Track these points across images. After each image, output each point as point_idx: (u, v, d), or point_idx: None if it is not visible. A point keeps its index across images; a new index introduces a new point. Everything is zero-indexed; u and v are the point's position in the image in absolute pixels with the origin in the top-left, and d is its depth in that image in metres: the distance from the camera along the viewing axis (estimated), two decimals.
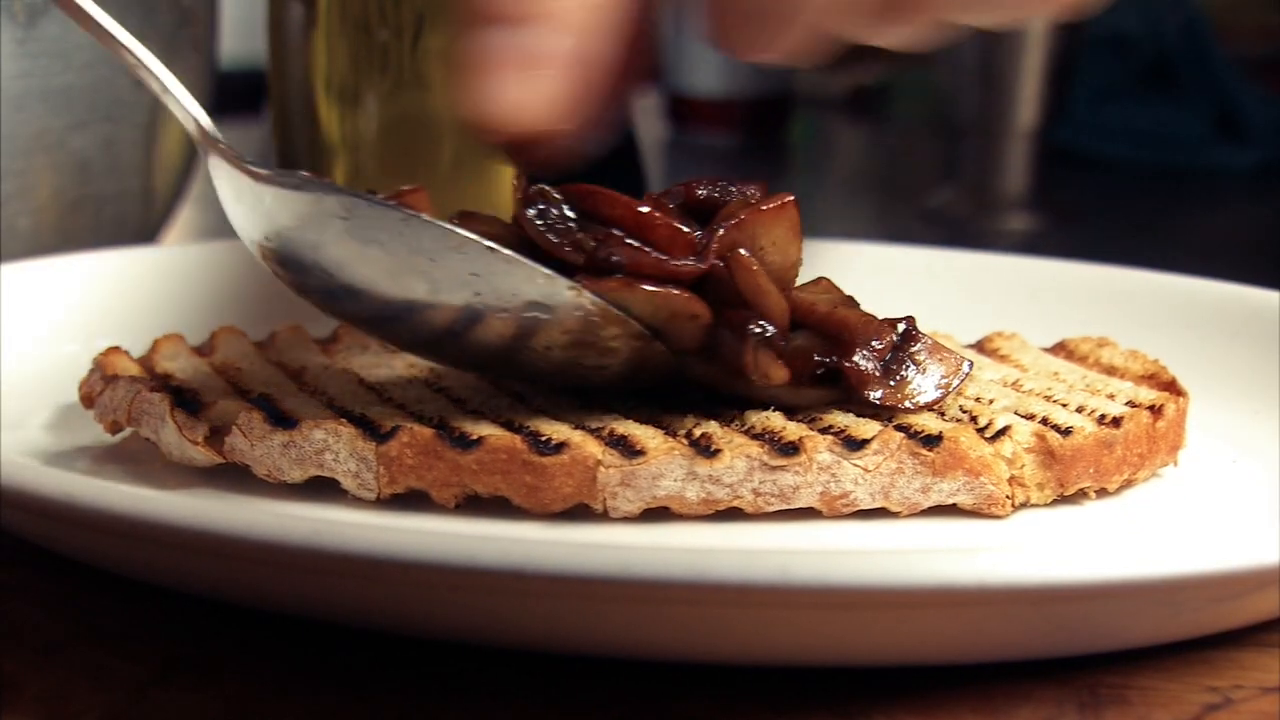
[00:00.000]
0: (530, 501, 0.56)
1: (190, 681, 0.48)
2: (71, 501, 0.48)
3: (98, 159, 0.82)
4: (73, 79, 0.80)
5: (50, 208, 0.81)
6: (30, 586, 0.54)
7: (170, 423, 0.58)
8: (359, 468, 0.57)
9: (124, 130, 0.83)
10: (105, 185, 0.83)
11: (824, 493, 0.56)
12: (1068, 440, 0.58)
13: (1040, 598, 0.46)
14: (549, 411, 0.60)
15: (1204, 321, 0.72)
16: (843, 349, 0.59)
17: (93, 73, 0.80)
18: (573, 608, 0.47)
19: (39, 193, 0.80)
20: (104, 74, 0.81)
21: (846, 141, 1.60)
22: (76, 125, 0.80)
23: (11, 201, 0.79)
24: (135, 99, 0.83)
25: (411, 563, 0.45)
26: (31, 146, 0.79)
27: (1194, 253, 1.10)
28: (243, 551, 0.47)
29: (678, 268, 0.57)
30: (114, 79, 0.81)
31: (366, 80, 0.84)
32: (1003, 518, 0.57)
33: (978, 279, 0.79)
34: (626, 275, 0.57)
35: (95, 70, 0.80)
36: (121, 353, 0.65)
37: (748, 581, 0.44)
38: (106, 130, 0.82)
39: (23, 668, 0.49)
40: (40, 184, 0.80)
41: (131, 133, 0.83)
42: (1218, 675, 0.49)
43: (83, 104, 0.81)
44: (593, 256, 0.57)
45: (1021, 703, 0.48)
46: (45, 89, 0.79)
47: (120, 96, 0.82)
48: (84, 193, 0.82)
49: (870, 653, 0.48)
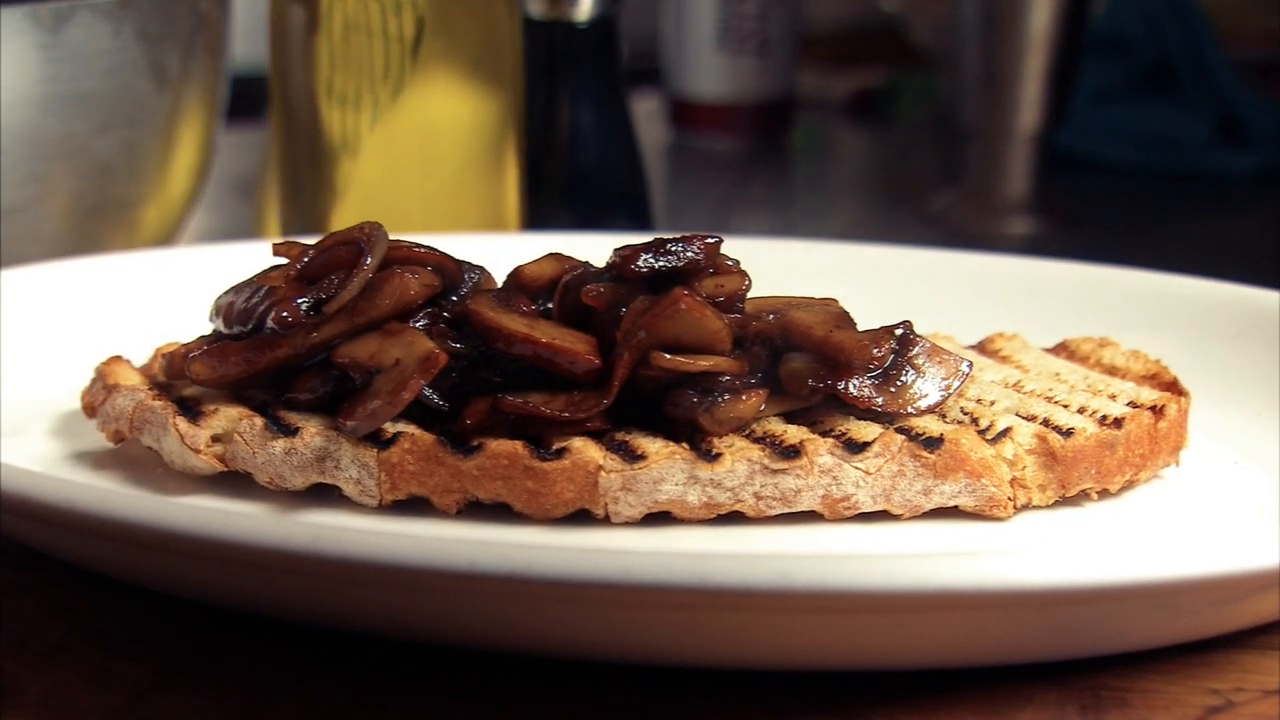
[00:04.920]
0: (531, 507, 0.56)
1: (190, 685, 0.48)
2: (73, 508, 0.48)
3: (119, 163, 0.82)
4: (95, 84, 0.80)
5: (73, 212, 0.82)
6: (32, 591, 0.54)
7: (172, 431, 0.58)
8: (361, 474, 0.57)
9: (143, 135, 0.83)
10: (125, 189, 0.83)
11: (825, 496, 0.56)
12: (1069, 442, 0.58)
13: (1042, 601, 0.46)
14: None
15: (1206, 322, 0.72)
16: (839, 372, 0.59)
17: (114, 78, 0.80)
18: (575, 612, 0.47)
19: (62, 197, 0.81)
20: (125, 79, 0.81)
21: (848, 145, 1.60)
22: (99, 130, 0.81)
23: (35, 206, 0.79)
24: (155, 103, 0.83)
25: (413, 568, 0.45)
26: (56, 151, 0.79)
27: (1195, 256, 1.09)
28: (244, 557, 0.47)
29: (585, 416, 0.57)
30: (135, 83, 0.82)
31: (367, 85, 0.84)
32: (1004, 520, 0.57)
33: (979, 280, 0.79)
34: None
35: (117, 75, 0.80)
36: (123, 361, 0.65)
37: (749, 586, 0.44)
38: (127, 135, 0.82)
39: (25, 670, 0.49)
40: (64, 188, 0.81)
41: (151, 137, 0.84)
42: (1219, 678, 0.49)
43: (105, 108, 0.81)
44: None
45: (1023, 705, 0.48)
46: (70, 94, 0.79)
47: (141, 101, 0.83)
48: (105, 197, 0.83)
49: (871, 657, 0.48)
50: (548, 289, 0.62)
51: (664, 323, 0.58)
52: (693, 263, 0.60)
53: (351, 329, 0.60)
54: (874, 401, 0.59)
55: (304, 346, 0.60)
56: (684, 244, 0.60)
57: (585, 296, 0.59)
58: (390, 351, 0.58)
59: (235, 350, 0.60)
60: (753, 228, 1.17)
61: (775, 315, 0.60)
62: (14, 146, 0.78)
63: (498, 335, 0.58)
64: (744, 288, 0.60)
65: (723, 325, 0.58)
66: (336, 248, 0.62)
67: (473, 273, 0.63)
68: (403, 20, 0.83)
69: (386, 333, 0.59)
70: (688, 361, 0.57)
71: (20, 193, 0.78)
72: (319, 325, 0.60)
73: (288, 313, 0.60)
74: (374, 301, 0.60)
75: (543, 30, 0.94)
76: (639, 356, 0.57)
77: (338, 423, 0.57)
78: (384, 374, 0.58)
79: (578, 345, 0.58)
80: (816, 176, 1.50)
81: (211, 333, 0.63)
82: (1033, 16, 1.14)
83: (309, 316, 0.60)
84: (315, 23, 0.84)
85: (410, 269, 0.61)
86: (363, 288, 0.60)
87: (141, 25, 0.80)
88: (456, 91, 0.86)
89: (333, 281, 0.61)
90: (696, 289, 0.59)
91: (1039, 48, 1.15)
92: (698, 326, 0.58)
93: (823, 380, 0.58)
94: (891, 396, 0.59)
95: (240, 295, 0.62)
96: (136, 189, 0.84)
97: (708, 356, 0.58)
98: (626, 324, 0.58)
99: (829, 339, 0.59)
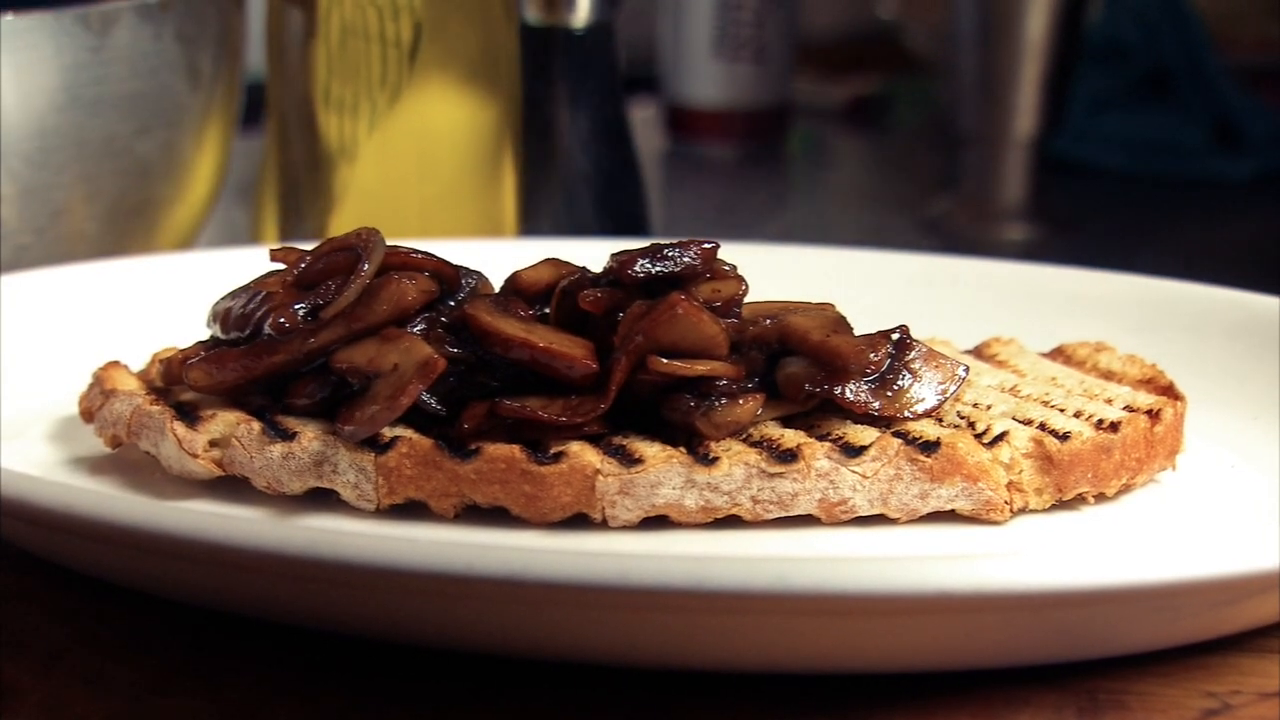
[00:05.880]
0: (529, 511, 0.56)
1: (189, 689, 0.48)
2: (71, 512, 0.48)
3: (158, 163, 0.83)
4: (141, 85, 0.81)
5: (115, 212, 0.82)
6: (32, 595, 0.54)
7: (170, 436, 0.58)
8: (358, 479, 0.57)
9: (179, 135, 0.84)
10: (163, 190, 0.84)
11: (822, 499, 0.56)
12: (1066, 445, 0.58)
13: (1039, 604, 0.46)
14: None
15: (1203, 327, 0.72)
16: (836, 377, 0.59)
17: (156, 79, 0.81)
18: (572, 616, 0.47)
19: (107, 198, 0.81)
20: (165, 80, 0.82)
21: (845, 151, 1.60)
22: (141, 130, 0.81)
23: (81, 206, 0.80)
24: (190, 104, 0.84)
25: (411, 572, 0.45)
26: (101, 151, 0.80)
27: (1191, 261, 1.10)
28: (242, 562, 0.47)
29: (583, 420, 0.57)
30: (174, 84, 0.82)
31: (365, 91, 0.84)
32: (1001, 523, 0.57)
33: (976, 285, 0.79)
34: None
35: (159, 76, 0.81)
36: (120, 366, 0.65)
37: (747, 589, 0.44)
38: (165, 135, 0.83)
39: (25, 675, 0.49)
40: (107, 188, 0.81)
41: (186, 138, 0.84)
42: (1216, 680, 0.49)
43: (147, 109, 0.82)
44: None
45: (1020, 708, 0.48)
46: (117, 95, 0.80)
47: (179, 101, 0.83)
48: (144, 197, 0.83)
49: (869, 659, 0.48)
50: (545, 294, 0.62)
51: (661, 327, 0.58)
52: (689, 268, 0.60)
53: (349, 334, 0.60)
54: (871, 406, 0.59)
55: (301, 352, 0.60)
56: (681, 249, 0.60)
57: (583, 301, 0.60)
58: (388, 357, 0.58)
59: (233, 356, 0.60)
60: (750, 233, 1.17)
61: (772, 320, 0.60)
62: (64, 148, 0.79)
63: (495, 340, 0.59)
64: (741, 292, 0.61)
65: (720, 330, 0.59)
66: (334, 253, 0.62)
67: (470, 278, 0.63)
68: (400, 26, 0.83)
69: (384, 338, 0.59)
70: (685, 366, 0.58)
71: (70, 194, 0.79)
72: (316, 331, 0.60)
73: (285, 318, 0.60)
74: (371, 307, 0.60)
75: (540, 36, 0.94)
76: (636, 361, 0.58)
77: (336, 427, 0.58)
78: (382, 379, 0.58)
79: (575, 350, 0.58)
80: (813, 182, 1.50)
81: (209, 338, 0.63)
82: (1029, 23, 1.14)
83: (306, 322, 0.60)
84: (313, 29, 0.84)
85: (408, 274, 0.61)
86: (360, 293, 0.60)
87: (179, 27, 0.81)
88: (454, 97, 0.86)
89: (330, 287, 0.61)
90: (693, 294, 0.59)
91: (1035, 54, 1.15)
92: (695, 331, 0.58)
93: (819, 384, 0.59)
94: (888, 401, 0.59)
95: (238, 301, 0.62)
96: (173, 189, 0.85)
97: (705, 361, 0.58)
98: (624, 329, 0.58)
99: (826, 343, 0.59)
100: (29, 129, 0.78)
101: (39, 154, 0.78)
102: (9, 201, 0.78)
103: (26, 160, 0.78)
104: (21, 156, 0.78)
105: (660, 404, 0.58)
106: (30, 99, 0.77)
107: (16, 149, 0.77)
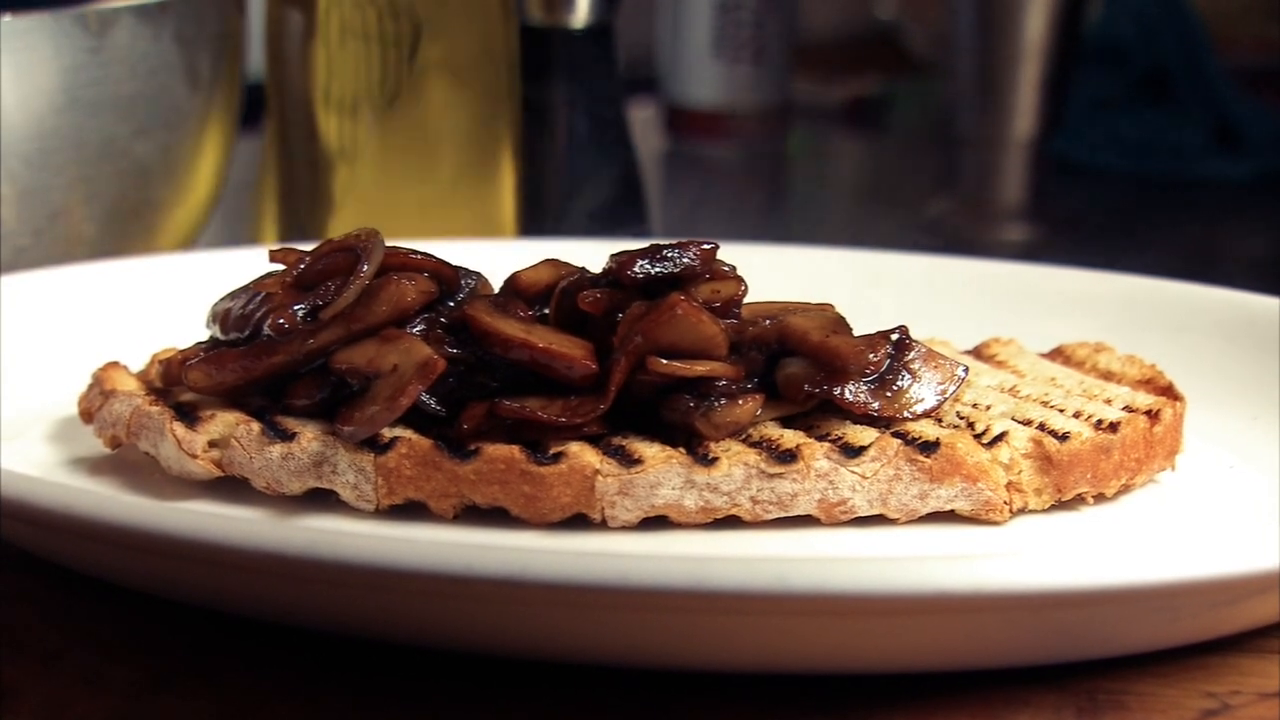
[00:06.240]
0: (528, 511, 0.56)
1: (188, 689, 0.48)
2: (70, 513, 0.48)
3: (156, 166, 0.83)
4: (140, 86, 0.81)
5: (114, 213, 0.82)
6: (30, 595, 0.54)
7: (169, 436, 0.58)
8: (357, 479, 0.57)
9: (178, 137, 0.84)
10: (161, 192, 0.84)
11: (822, 500, 0.56)
12: (1065, 446, 0.58)
13: (1038, 604, 0.46)
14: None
15: (1202, 327, 0.72)
16: (835, 377, 0.59)
17: (155, 80, 0.81)
18: (572, 616, 0.47)
19: (105, 200, 0.81)
20: (164, 81, 0.82)
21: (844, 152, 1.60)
22: (139, 132, 0.81)
23: (80, 208, 0.80)
24: (188, 106, 0.84)
25: (410, 572, 0.45)
26: (101, 153, 0.80)
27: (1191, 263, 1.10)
28: (241, 562, 0.47)
29: (583, 421, 0.57)
30: (173, 86, 0.82)
31: (365, 92, 0.84)
32: (1000, 524, 0.57)
33: (975, 286, 0.79)
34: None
35: (157, 78, 0.81)
36: (120, 367, 0.65)
37: (746, 590, 0.44)
38: (163, 137, 0.83)
39: (23, 675, 0.49)
40: (106, 190, 0.81)
41: (184, 140, 0.84)
42: (1216, 681, 0.49)
43: (145, 111, 0.82)
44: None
45: (1020, 708, 0.48)
46: (115, 96, 0.80)
47: (177, 104, 0.83)
48: (143, 199, 0.83)
49: (868, 660, 0.48)
50: (544, 295, 0.62)
51: (660, 328, 0.58)
52: (689, 268, 0.60)
53: (348, 335, 0.60)
54: (870, 406, 0.59)
55: (301, 353, 0.60)
56: (680, 250, 0.60)
57: (582, 302, 0.60)
58: (388, 357, 0.58)
59: (232, 357, 0.60)
60: (749, 234, 1.17)
61: (771, 320, 0.60)
62: (63, 149, 0.78)
63: (495, 340, 0.59)
64: (740, 293, 0.61)
65: (719, 330, 0.59)
66: (333, 254, 0.62)
67: (469, 279, 0.63)
68: (400, 27, 0.83)
69: (384, 339, 0.59)
70: (684, 366, 0.58)
71: (68, 195, 0.79)
72: (316, 331, 0.60)
73: (284, 319, 0.60)
74: (371, 308, 0.60)
75: (540, 36, 0.94)
76: (635, 361, 0.58)
77: (335, 428, 0.58)
78: (381, 379, 0.58)
79: (574, 350, 0.58)
80: (812, 183, 1.50)
81: (208, 339, 0.63)
82: (1028, 24, 1.14)
83: (306, 323, 0.60)
84: (312, 29, 0.84)
85: (407, 275, 0.61)
86: (360, 294, 0.60)
87: (178, 28, 0.81)
88: (454, 98, 0.86)
89: (330, 288, 0.61)
90: (693, 294, 0.59)
91: (1034, 55, 1.15)
92: (694, 331, 0.58)
93: (819, 385, 0.59)
94: (887, 401, 0.59)
95: (237, 302, 0.62)
96: (172, 191, 0.85)
97: (704, 361, 0.58)
98: (623, 329, 0.58)
99: (825, 344, 0.59)
100: (28, 130, 0.78)
101: (38, 155, 0.78)
102: (8, 203, 0.78)
103: (25, 161, 0.78)
104: (20, 157, 0.78)
105: (660, 404, 0.58)
106: (29, 100, 0.77)
107: (15, 150, 0.77)
